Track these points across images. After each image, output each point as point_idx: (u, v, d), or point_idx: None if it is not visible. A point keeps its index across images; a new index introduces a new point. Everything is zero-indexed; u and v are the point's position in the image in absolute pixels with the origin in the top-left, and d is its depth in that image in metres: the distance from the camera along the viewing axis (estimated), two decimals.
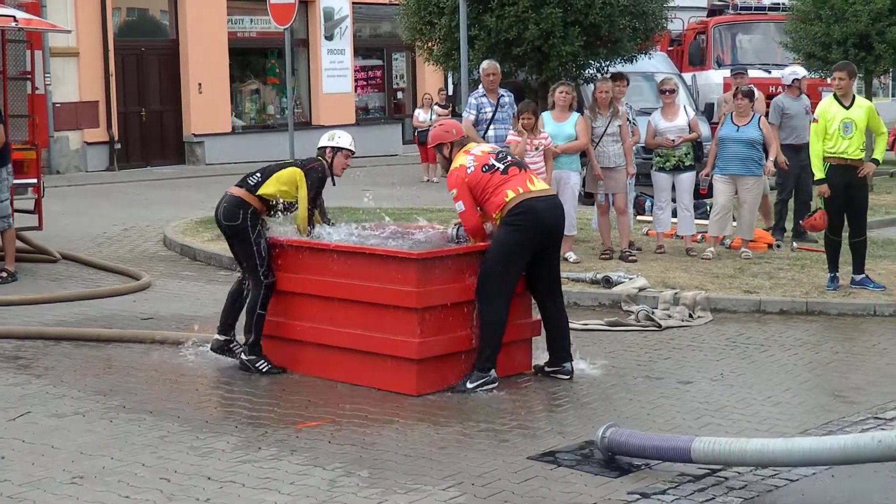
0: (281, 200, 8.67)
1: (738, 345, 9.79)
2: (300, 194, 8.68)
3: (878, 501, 6.20)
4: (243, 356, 8.67)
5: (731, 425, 7.43)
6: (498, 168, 8.33)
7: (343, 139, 9.01)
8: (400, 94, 32.11)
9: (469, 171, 8.37)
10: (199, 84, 26.57)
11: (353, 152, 9.03)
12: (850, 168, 11.36)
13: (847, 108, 11.38)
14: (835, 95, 11.54)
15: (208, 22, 26.57)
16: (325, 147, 8.99)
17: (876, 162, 11.71)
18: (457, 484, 6.25)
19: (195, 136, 26.68)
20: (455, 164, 8.50)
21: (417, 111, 25.31)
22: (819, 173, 11.42)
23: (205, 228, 14.94)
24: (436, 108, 24.83)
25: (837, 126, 11.32)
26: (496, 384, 8.13)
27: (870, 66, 21.21)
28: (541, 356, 8.72)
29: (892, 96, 43.15)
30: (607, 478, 6.38)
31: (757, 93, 14.65)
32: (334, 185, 9.10)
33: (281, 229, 8.88)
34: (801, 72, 15.30)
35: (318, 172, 8.79)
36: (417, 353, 7.96)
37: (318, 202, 8.92)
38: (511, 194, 8.19)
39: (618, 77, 13.96)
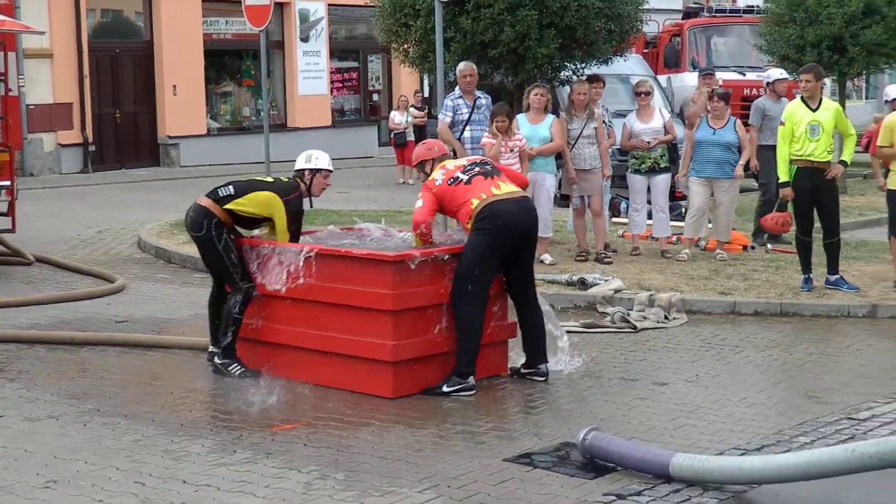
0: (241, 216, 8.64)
1: (713, 346, 9.82)
2: (278, 225, 8.58)
3: (851, 502, 6.23)
4: (217, 360, 8.64)
5: (707, 426, 7.45)
6: (462, 180, 8.44)
7: (321, 160, 8.94)
8: (376, 96, 32.06)
9: (437, 183, 8.52)
10: (174, 86, 26.47)
11: (331, 171, 8.99)
12: (818, 170, 11.41)
13: (814, 110, 11.44)
14: (802, 98, 11.59)
15: (183, 23, 26.49)
16: (304, 169, 8.90)
17: (844, 164, 11.74)
18: (433, 486, 6.25)
19: (170, 137, 26.59)
20: (429, 178, 8.63)
21: (393, 113, 25.28)
22: (784, 176, 11.48)
23: (179, 231, 14.89)
24: (412, 110, 24.81)
25: (804, 128, 11.37)
26: (473, 391, 8.13)
27: (843, 69, 21.29)
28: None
29: (866, 99, 43.40)
30: (583, 479, 6.39)
31: None
32: (311, 206, 9.06)
33: (255, 233, 8.88)
34: (773, 74, 15.33)
35: (297, 203, 8.72)
36: (393, 356, 7.95)
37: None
38: (476, 202, 8.29)
39: (594, 79, 13.99)
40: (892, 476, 6.10)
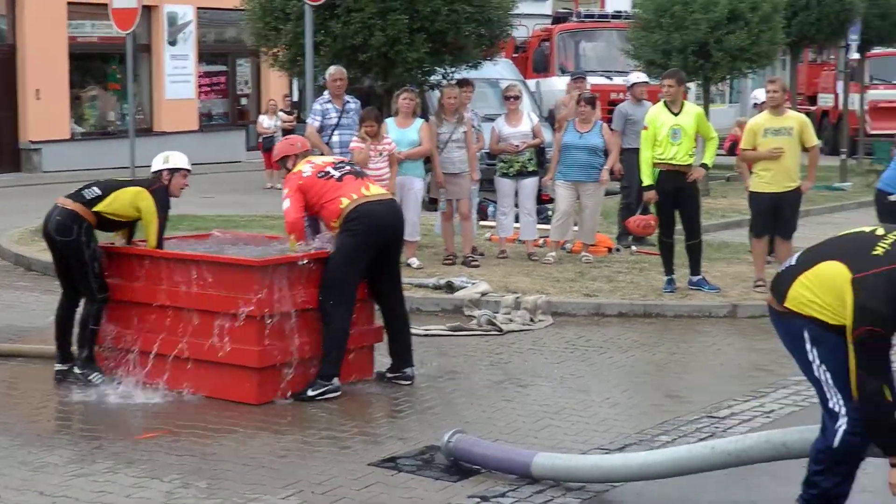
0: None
1: (578, 347, 9.93)
2: (147, 219, 8.38)
3: (710, 499, 6.35)
4: (76, 370, 8.45)
5: (570, 427, 7.53)
6: (333, 175, 8.39)
7: (179, 159, 8.74)
8: (244, 100, 31.76)
9: (305, 174, 8.44)
10: (38, 90, 25.88)
11: (189, 171, 8.84)
12: (680, 174, 11.63)
13: (676, 114, 11.66)
14: (665, 102, 11.80)
15: (47, 27, 25.90)
16: (162, 170, 8.69)
17: (706, 167, 11.99)
18: (297, 492, 6.22)
19: (32, 143, 25.99)
20: (294, 170, 8.52)
21: (262, 117, 25.10)
22: (647, 180, 11.68)
23: (41, 238, 14.52)
24: (280, 114, 24.67)
25: (666, 132, 11.58)
26: (338, 393, 8.10)
27: (708, 74, 21.67)
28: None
29: (730, 103, 44.32)
30: (447, 482, 6.41)
31: None
32: (169, 207, 8.89)
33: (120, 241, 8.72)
34: (632, 78, 15.57)
35: (164, 194, 8.54)
36: (258, 362, 7.88)
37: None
38: (346, 201, 8.25)
39: (464, 83, 14.06)
40: (749, 473, 6.25)
